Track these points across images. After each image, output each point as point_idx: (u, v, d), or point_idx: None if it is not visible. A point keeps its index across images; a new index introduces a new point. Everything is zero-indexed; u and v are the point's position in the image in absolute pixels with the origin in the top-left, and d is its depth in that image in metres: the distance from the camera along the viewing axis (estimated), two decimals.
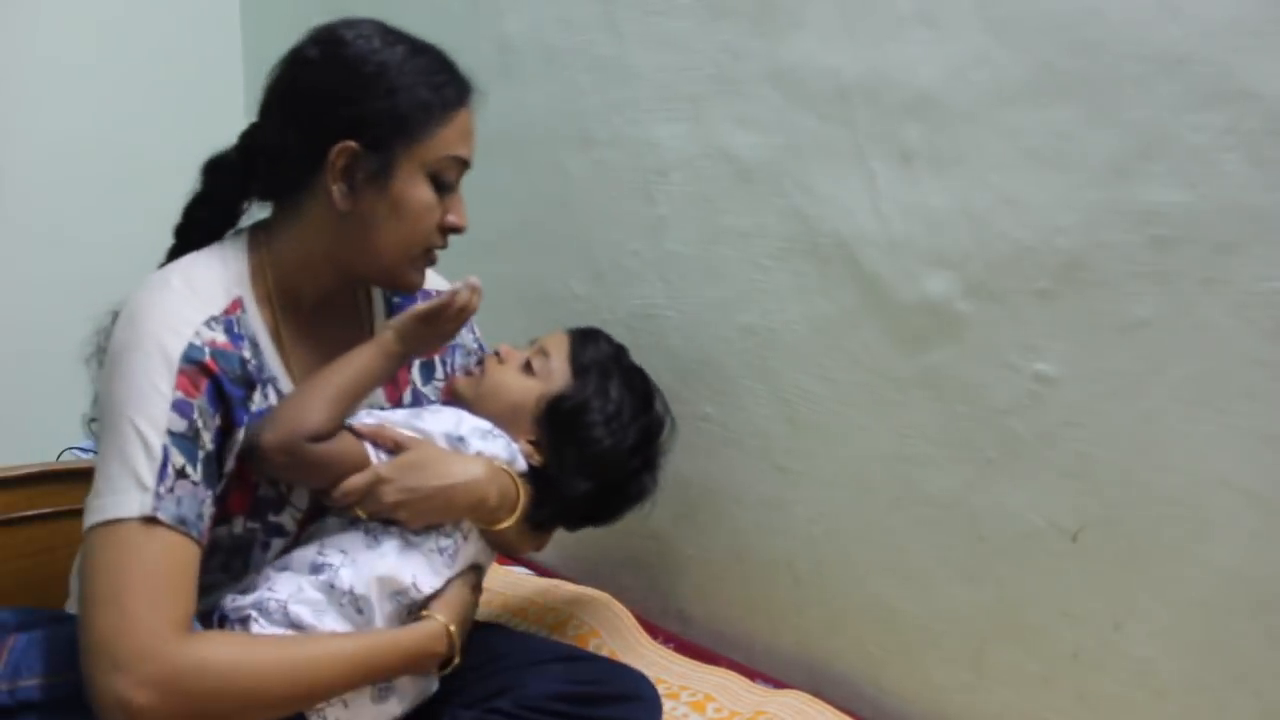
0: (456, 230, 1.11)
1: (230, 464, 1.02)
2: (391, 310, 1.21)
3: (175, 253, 1.13)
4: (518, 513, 1.10)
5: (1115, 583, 1.17)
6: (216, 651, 0.94)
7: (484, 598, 1.25)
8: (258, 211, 1.17)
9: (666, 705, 1.33)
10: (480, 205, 1.84)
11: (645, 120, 1.56)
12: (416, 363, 1.22)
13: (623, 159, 1.61)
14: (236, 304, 1.05)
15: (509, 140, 1.77)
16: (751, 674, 1.45)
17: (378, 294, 1.22)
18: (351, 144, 1.02)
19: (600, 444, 1.16)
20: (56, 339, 1.40)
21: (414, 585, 1.04)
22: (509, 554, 1.19)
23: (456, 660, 1.04)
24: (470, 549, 1.10)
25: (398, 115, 1.03)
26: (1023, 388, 1.21)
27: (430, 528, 1.07)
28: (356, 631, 1.03)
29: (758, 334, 1.47)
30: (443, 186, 1.08)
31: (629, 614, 1.54)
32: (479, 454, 1.11)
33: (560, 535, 1.42)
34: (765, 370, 1.47)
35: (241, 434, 1.02)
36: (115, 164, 2.19)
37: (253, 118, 1.11)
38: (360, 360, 1.04)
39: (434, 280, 1.23)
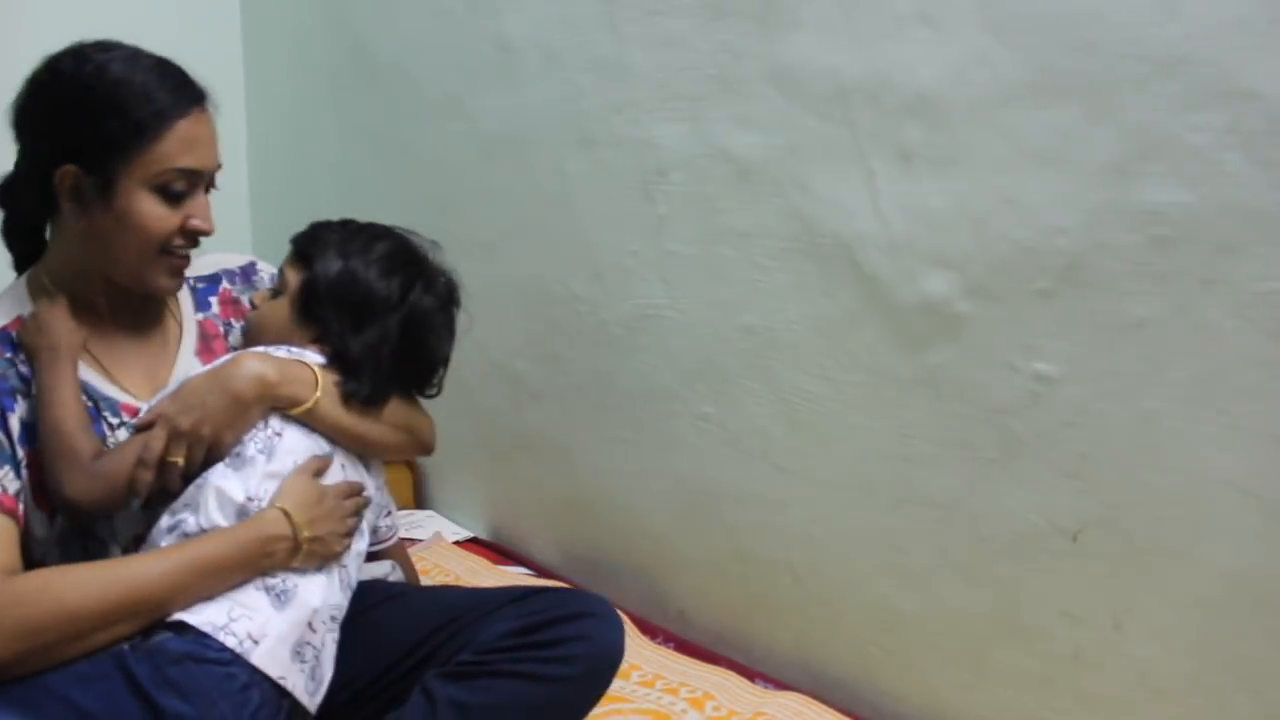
0: (200, 233, 1.12)
1: (22, 450, 1.07)
2: (198, 303, 1.25)
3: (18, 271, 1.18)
4: (320, 386, 1.13)
5: (1115, 583, 1.17)
6: (29, 578, 1.00)
7: None
8: None
9: (665, 700, 1.34)
10: (480, 205, 1.86)
11: (645, 120, 1.56)
12: (236, 329, 1.26)
13: (623, 159, 1.61)
14: (17, 320, 1.11)
15: (509, 140, 1.77)
16: (751, 674, 1.45)
17: (185, 292, 1.25)
18: (72, 168, 1.06)
19: (349, 291, 1.18)
20: None
21: (248, 499, 1.07)
22: (381, 453, 1.21)
23: (305, 535, 1.06)
24: (288, 442, 1.12)
25: (108, 137, 1.06)
26: (1023, 388, 1.21)
27: (240, 439, 1.10)
28: None
29: (758, 334, 1.47)
30: (173, 196, 1.09)
31: (625, 618, 1.54)
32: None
33: (562, 536, 1.41)
34: (765, 370, 1.47)
35: (15, 420, 1.07)
36: None
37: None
38: (49, 386, 1.08)
39: (223, 260, 1.29)
